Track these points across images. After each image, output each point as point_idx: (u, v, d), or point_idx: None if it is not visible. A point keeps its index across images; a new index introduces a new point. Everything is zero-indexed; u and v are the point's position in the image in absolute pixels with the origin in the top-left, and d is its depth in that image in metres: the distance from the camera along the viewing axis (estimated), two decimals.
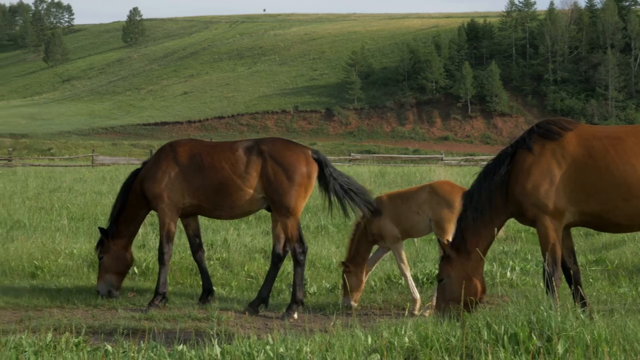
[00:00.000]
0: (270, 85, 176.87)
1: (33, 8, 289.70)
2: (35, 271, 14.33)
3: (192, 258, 13.36)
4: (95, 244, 13.19)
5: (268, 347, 7.53)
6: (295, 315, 11.68)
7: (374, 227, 12.23)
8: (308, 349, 7.42)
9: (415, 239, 16.78)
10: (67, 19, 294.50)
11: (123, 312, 11.69)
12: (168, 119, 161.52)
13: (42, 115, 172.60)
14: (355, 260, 12.34)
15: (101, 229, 13.07)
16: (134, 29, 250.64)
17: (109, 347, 7.93)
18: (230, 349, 7.59)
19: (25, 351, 7.30)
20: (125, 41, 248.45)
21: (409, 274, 12.23)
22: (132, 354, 7.59)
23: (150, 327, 10.05)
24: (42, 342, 7.80)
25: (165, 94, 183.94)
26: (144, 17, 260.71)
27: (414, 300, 11.99)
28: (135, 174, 13.02)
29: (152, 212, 13.07)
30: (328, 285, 13.44)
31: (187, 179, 12.28)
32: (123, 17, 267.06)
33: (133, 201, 12.84)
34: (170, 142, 13.08)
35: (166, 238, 12.41)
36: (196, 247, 12.93)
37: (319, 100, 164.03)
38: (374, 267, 12.98)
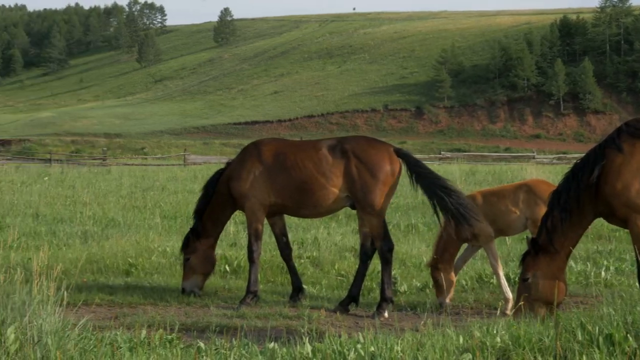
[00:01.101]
0: (360, 83, 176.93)
1: (127, 9, 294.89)
2: (130, 269, 14.55)
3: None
4: (181, 245, 13.27)
5: (359, 346, 7.51)
6: (386, 314, 11.61)
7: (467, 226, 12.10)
8: (399, 348, 7.38)
9: (507, 238, 16.58)
10: (159, 20, 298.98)
11: (215, 309, 11.79)
12: (258, 118, 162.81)
13: (136, 115, 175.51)
14: (444, 258, 12.22)
15: (193, 230, 13.18)
16: (225, 29, 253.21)
17: (202, 344, 8.00)
18: (321, 347, 7.59)
19: (121, 347, 7.41)
20: (216, 41, 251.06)
21: (501, 273, 12.10)
22: (224, 351, 7.65)
23: (242, 324, 10.10)
24: (136, 339, 7.92)
25: (255, 93, 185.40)
26: (235, 17, 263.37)
27: (506, 300, 11.84)
28: (219, 174, 13.10)
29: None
30: (418, 284, 13.37)
31: (271, 177, 12.27)
32: (214, 18, 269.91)
33: (218, 201, 12.89)
34: (254, 142, 13.09)
35: (254, 236, 12.44)
36: (283, 245, 12.94)
37: (408, 99, 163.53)
38: (464, 266, 12.88)
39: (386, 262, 11.83)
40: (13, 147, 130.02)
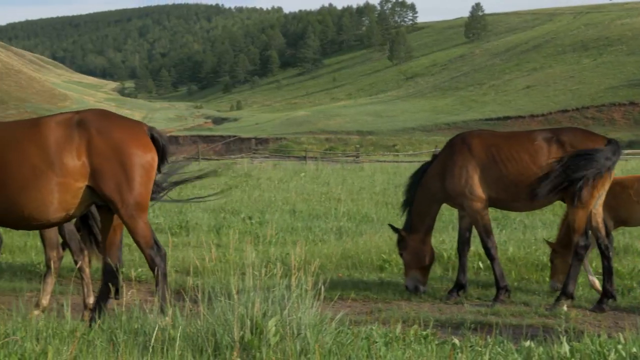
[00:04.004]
0: (616, 76, 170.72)
1: (378, 8, 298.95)
2: (384, 264, 14.70)
3: (537, 253, 13.17)
4: (397, 241, 13.22)
5: (620, 347, 7.27)
6: (565, 307, 11.33)
7: None
8: None
9: None
10: (410, 18, 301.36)
11: (469, 306, 11.72)
12: (510, 113, 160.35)
13: (387, 113, 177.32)
14: (564, 242, 12.25)
15: (392, 227, 13.20)
16: (476, 24, 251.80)
17: (456, 341, 7.97)
18: (580, 347, 7.40)
19: (376, 342, 7.49)
20: (467, 37, 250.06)
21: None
22: (479, 349, 7.58)
23: (497, 322, 9.99)
24: (391, 334, 7.97)
25: (507, 89, 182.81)
26: (486, 12, 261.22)
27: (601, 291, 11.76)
28: (424, 168, 12.99)
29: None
30: None
31: (484, 171, 12.05)
32: (465, 13, 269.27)
33: (424, 195, 12.76)
34: (461, 135, 12.81)
35: (485, 233, 12.27)
36: (465, 240, 12.72)
37: None
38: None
39: (578, 258, 11.57)
40: (270, 145, 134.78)
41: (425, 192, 12.76)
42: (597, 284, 12.09)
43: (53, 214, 8.93)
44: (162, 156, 9.23)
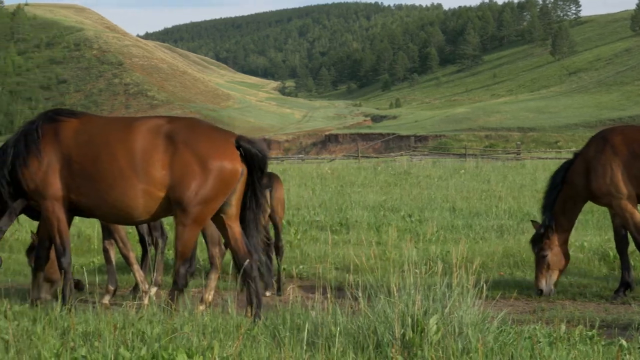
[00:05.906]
0: None
1: (540, 2, 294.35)
2: None
3: None
4: (531, 241, 12.73)
5: None
6: None
7: None
8: None
9: None
10: (573, 11, 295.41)
11: (637, 307, 11.38)
12: None
13: (549, 109, 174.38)
14: None
15: (544, 225, 12.75)
16: None
17: (624, 342, 7.74)
18: None
19: (540, 342, 7.35)
20: (633, 30, 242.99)
21: None
22: None
23: None
24: (555, 334, 7.83)
25: None
26: None
27: None
28: (567, 166, 12.69)
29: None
30: None
31: (627, 168, 11.71)
32: (632, 6, 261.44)
33: (569, 194, 12.44)
34: (602, 133, 12.47)
35: (636, 231, 11.83)
36: (621, 237, 12.30)
37: None
38: None
39: None
40: (430, 143, 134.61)
41: (570, 190, 12.49)
42: None
43: (138, 217, 9.27)
44: (255, 163, 9.23)
